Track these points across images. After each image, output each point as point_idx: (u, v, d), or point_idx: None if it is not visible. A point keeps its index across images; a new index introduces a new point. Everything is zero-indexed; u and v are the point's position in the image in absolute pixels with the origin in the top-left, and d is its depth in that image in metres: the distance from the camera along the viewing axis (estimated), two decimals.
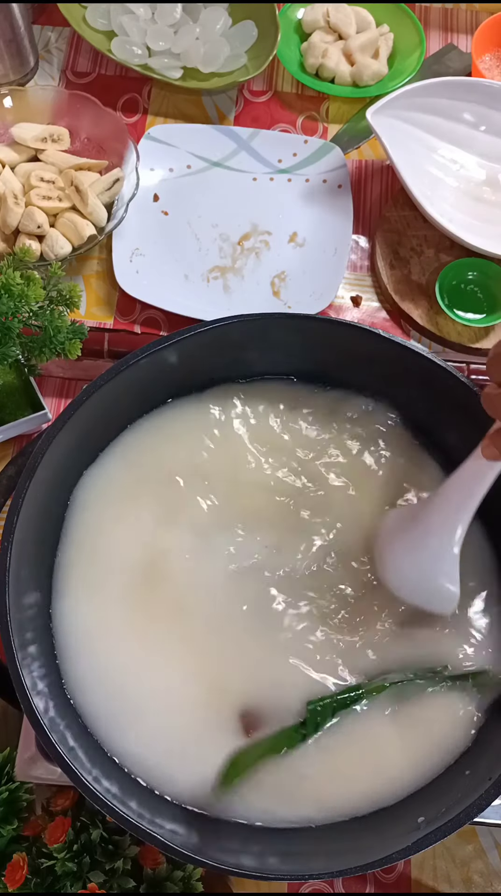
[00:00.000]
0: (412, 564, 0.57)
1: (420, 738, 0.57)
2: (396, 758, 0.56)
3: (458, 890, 0.69)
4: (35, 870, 0.60)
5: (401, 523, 0.59)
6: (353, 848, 0.52)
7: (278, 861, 0.52)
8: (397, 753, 0.56)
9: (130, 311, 0.84)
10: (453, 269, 0.82)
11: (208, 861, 0.49)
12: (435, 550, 0.56)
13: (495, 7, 1.00)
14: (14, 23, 0.86)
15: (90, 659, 0.58)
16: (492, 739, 0.56)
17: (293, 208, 0.88)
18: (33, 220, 0.78)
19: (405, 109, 0.85)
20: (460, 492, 0.55)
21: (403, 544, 0.58)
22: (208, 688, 0.57)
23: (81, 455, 0.63)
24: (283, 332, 0.62)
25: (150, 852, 0.61)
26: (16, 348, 0.64)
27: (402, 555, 0.58)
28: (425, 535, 0.57)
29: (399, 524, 0.59)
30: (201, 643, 0.58)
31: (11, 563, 0.53)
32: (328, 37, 0.95)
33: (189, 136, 0.90)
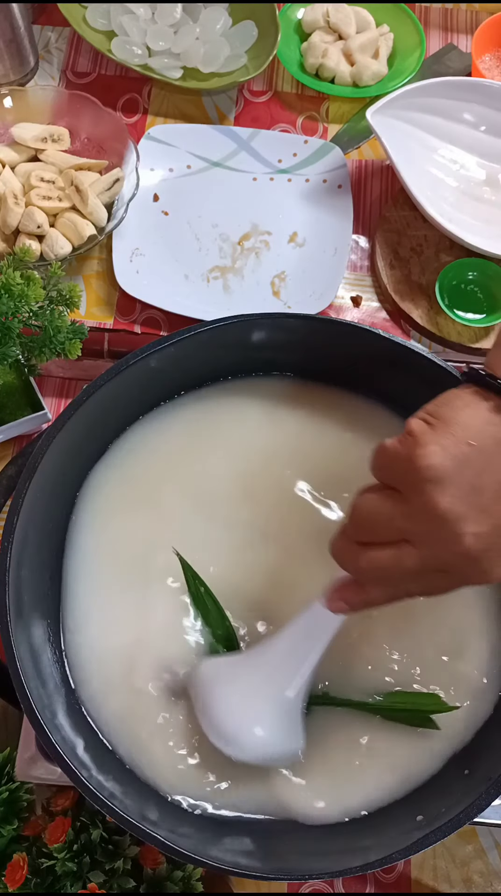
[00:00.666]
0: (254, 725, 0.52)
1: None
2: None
3: (458, 890, 0.69)
4: (35, 870, 0.60)
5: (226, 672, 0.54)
6: (353, 848, 0.52)
7: (279, 861, 0.52)
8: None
9: (130, 311, 0.84)
10: (453, 269, 0.82)
11: (208, 861, 0.49)
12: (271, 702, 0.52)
13: (495, 7, 1.00)
14: (14, 23, 0.86)
15: (93, 657, 0.58)
16: (492, 739, 0.56)
17: (293, 208, 0.88)
18: (33, 220, 0.78)
19: (405, 109, 0.85)
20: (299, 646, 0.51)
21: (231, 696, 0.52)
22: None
23: (82, 455, 0.63)
24: (283, 333, 0.62)
25: (150, 852, 0.61)
26: (16, 348, 0.64)
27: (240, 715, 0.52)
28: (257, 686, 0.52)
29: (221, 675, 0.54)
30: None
31: (11, 563, 0.53)
32: (328, 37, 0.95)
33: (189, 136, 0.90)
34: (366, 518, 0.44)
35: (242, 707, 0.52)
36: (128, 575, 0.60)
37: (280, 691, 0.51)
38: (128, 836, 0.61)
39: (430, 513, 0.40)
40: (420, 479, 0.40)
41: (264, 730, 0.52)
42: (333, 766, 0.56)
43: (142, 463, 0.64)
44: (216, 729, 0.52)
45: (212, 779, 0.55)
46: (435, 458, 0.40)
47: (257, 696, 0.52)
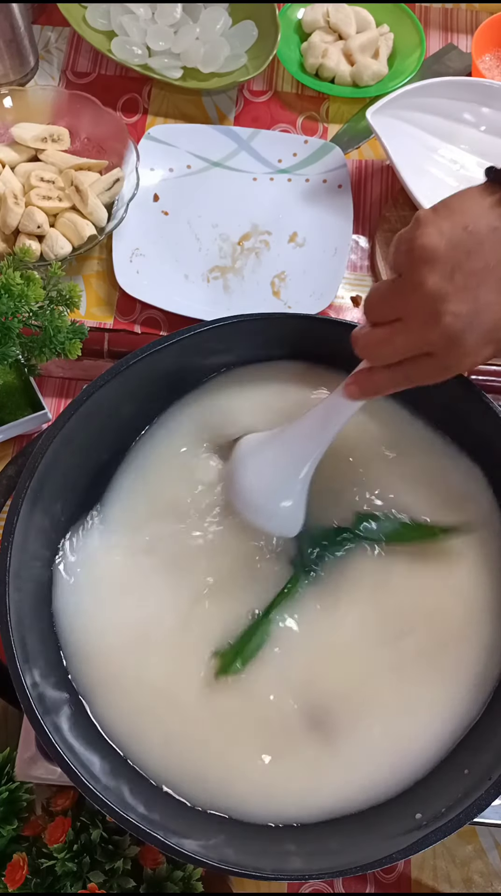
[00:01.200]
0: (260, 486, 0.58)
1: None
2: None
3: (458, 890, 0.69)
4: (35, 870, 0.60)
5: (255, 448, 0.60)
6: (353, 848, 0.52)
7: (279, 861, 0.52)
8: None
9: (130, 311, 0.84)
10: None
11: (208, 861, 0.49)
12: (285, 474, 0.57)
13: (495, 7, 1.00)
14: (14, 23, 0.86)
15: (92, 656, 0.58)
16: (492, 739, 0.56)
17: (293, 208, 0.88)
18: (33, 220, 0.78)
19: (405, 109, 0.85)
20: (318, 423, 0.56)
21: (253, 467, 0.58)
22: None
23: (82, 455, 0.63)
24: (283, 333, 0.62)
25: (150, 852, 0.61)
26: (16, 348, 0.64)
27: (251, 476, 0.58)
28: (275, 462, 0.58)
29: (253, 448, 0.60)
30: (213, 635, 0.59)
31: (11, 564, 0.53)
32: (328, 37, 0.95)
33: (189, 136, 0.90)
34: (372, 299, 0.48)
35: (268, 481, 0.58)
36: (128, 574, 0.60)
37: (298, 467, 0.57)
38: (128, 836, 0.61)
39: (418, 290, 0.44)
40: (415, 258, 0.44)
41: (286, 502, 0.58)
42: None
43: (142, 463, 0.64)
44: (247, 500, 0.59)
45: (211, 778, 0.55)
46: (430, 238, 0.43)
47: (279, 471, 0.58)
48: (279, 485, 0.58)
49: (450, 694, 0.57)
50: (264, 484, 0.58)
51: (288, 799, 0.55)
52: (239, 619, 0.59)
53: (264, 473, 0.58)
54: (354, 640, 0.59)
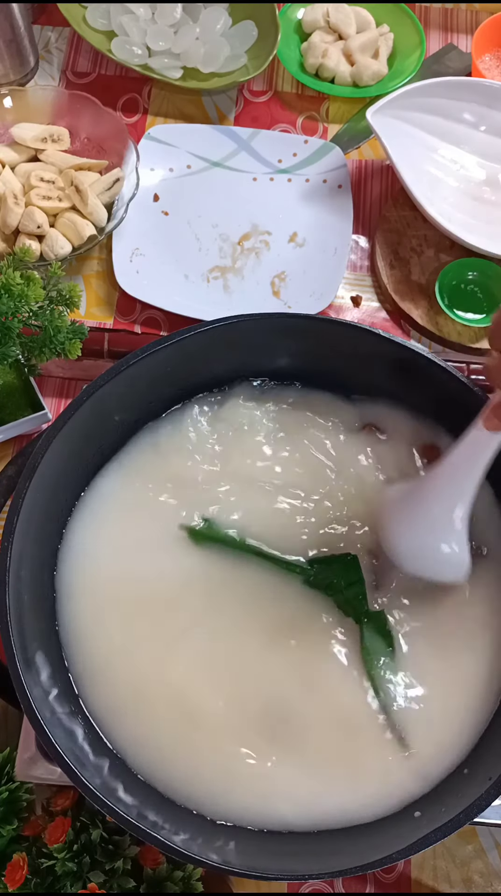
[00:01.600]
0: (419, 535, 0.57)
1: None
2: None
3: (458, 890, 0.69)
4: (35, 870, 0.60)
5: (403, 496, 0.59)
6: (353, 848, 0.52)
7: (278, 861, 0.52)
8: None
9: (130, 311, 0.84)
10: (453, 269, 0.82)
11: (208, 861, 0.49)
12: (441, 519, 0.56)
13: (495, 7, 1.00)
14: (14, 23, 0.86)
15: (92, 657, 0.58)
16: (492, 739, 0.56)
17: (293, 208, 0.88)
18: (33, 220, 0.78)
19: (405, 109, 0.85)
20: (462, 462, 0.55)
21: (408, 516, 0.57)
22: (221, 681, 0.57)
23: (82, 455, 0.63)
24: (283, 333, 0.62)
25: (150, 852, 0.61)
26: (16, 348, 0.64)
27: (408, 527, 0.57)
28: (430, 506, 0.56)
29: (401, 497, 0.59)
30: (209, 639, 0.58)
31: (11, 563, 0.53)
32: (328, 37, 0.95)
33: (189, 136, 0.90)
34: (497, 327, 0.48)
35: (428, 531, 0.57)
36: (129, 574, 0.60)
37: (452, 510, 0.56)
38: (128, 836, 0.61)
39: None
40: None
41: (449, 546, 0.56)
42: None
43: (142, 464, 0.64)
44: (410, 554, 0.57)
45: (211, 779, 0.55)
46: None
47: (434, 518, 0.57)
48: (440, 532, 0.56)
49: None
50: (424, 535, 0.57)
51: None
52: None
53: (422, 523, 0.57)
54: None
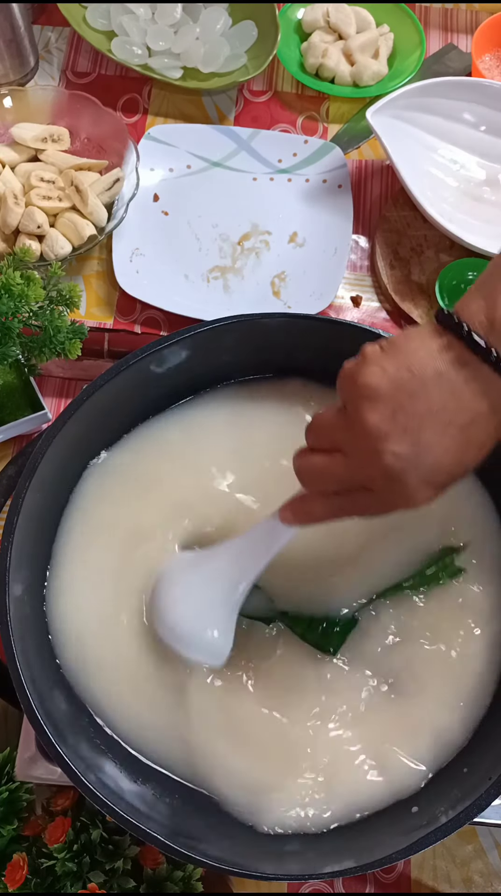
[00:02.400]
0: (188, 612, 0.55)
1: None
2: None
3: (458, 890, 0.69)
4: (35, 870, 0.60)
5: (184, 568, 0.58)
6: (353, 848, 0.52)
7: (278, 861, 0.52)
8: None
9: (130, 311, 0.84)
10: (453, 269, 0.82)
11: (207, 861, 0.49)
12: (211, 602, 0.55)
13: (495, 7, 1.00)
14: (14, 23, 0.86)
15: (91, 657, 0.58)
16: (492, 739, 0.56)
17: (293, 208, 0.88)
18: (33, 220, 0.78)
19: (405, 109, 0.85)
20: (251, 547, 0.54)
21: (182, 591, 0.56)
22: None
23: (82, 455, 0.63)
24: (283, 333, 0.62)
25: (150, 852, 0.61)
26: (16, 348, 0.64)
27: (179, 602, 0.56)
28: (204, 585, 0.55)
29: (182, 569, 0.58)
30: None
31: (11, 563, 0.53)
32: (328, 37, 0.95)
33: (189, 136, 0.90)
34: (315, 425, 0.48)
35: (196, 608, 0.55)
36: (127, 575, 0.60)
37: (227, 594, 0.54)
38: (128, 836, 0.61)
39: (359, 426, 0.43)
40: (357, 395, 0.43)
41: (212, 631, 0.55)
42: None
43: (141, 464, 0.64)
44: (170, 628, 0.56)
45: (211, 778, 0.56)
46: (373, 377, 0.43)
47: (207, 598, 0.55)
48: (208, 612, 0.55)
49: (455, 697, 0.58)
50: (190, 611, 0.55)
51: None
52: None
53: (192, 599, 0.55)
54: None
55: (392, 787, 0.55)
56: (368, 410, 0.43)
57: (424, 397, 0.42)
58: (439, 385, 0.42)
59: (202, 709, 0.57)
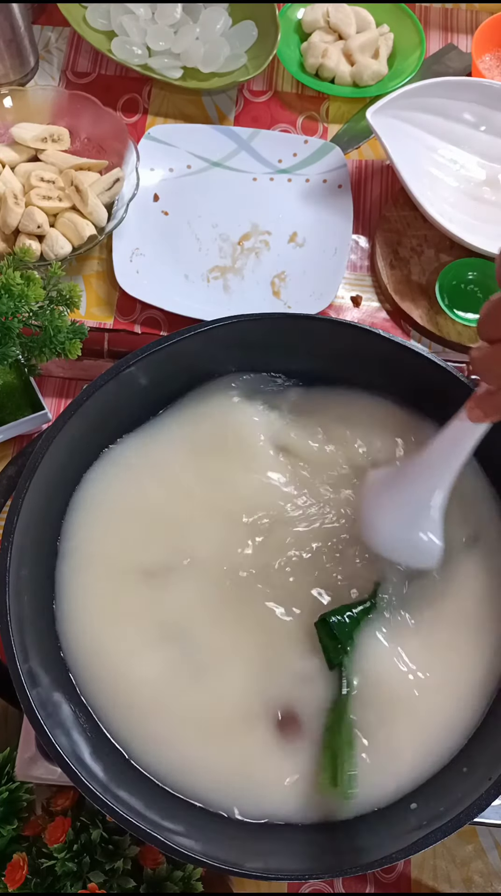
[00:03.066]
0: (395, 521, 0.58)
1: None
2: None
3: (458, 890, 0.69)
4: (35, 870, 0.60)
5: (384, 482, 0.59)
6: (353, 848, 0.52)
7: (279, 861, 0.52)
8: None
9: (130, 311, 0.84)
10: (453, 269, 0.82)
11: (208, 861, 0.49)
12: (418, 506, 0.57)
13: (495, 7, 1.00)
14: (14, 23, 0.86)
15: (92, 657, 0.58)
16: (491, 739, 0.56)
17: (293, 208, 0.88)
18: (33, 220, 0.78)
19: (405, 109, 0.85)
20: (443, 450, 0.55)
21: (386, 502, 0.58)
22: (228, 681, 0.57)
23: (82, 455, 0.63)
24: (283, 333, 0.62)
25: (150, 852, 0.61)
26: (16, 348, 0.64)
27: (385, 512, 0.58)
28: (407, 493, 0.57)
29: (382, 483, 0.59)
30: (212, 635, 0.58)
31: (11, 563, 0.53)
32: (328, 37, 0.95)
33: (189, 136, 0.90)
34: (486, 315, 0.47)
35: (404, 517, 0.57)
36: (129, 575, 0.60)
37: (430, 497, 0.56)
38: (128, 836, 0.61)
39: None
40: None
41: (424, 534, 0.57)
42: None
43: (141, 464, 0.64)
44: (382, 540, 0.58)
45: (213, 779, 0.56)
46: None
47: (413, 504, 0.57)
48: (415, 518, 0.57)
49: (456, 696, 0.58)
50: (399, 519, 0.57)
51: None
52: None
53: (399, 509, 0.57)
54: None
55: (398, 783, 0.56)
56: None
57: None
58: None
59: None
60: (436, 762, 0.56)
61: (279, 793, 0.55)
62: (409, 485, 0.57)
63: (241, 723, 0.56)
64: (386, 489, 0.59)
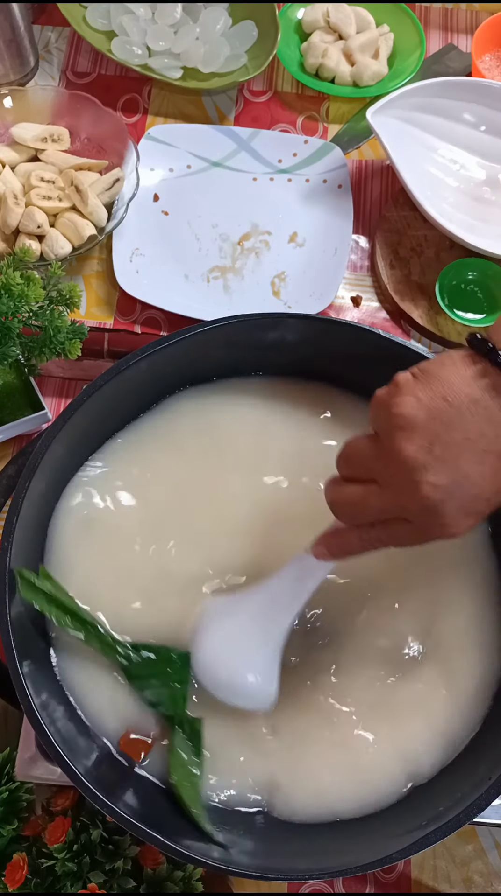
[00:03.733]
0: (227, 660, 0.54)
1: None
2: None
3: (458, 890, 0.69)
4: (35, 870, 0.60)
5: (220, 614, 0.56)
6: (353, 848, 0.52)
7: (279, 861, 0.52)
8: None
9: (130, 311, 0.84)
10: (453, 269, 0.82)
11: (208, 861, 0.49)
12: (251, 647, 0.54)
13: (495, 7, 1.00)
14: (14, 23, 0.86)
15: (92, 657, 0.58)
16: (492, 739, 0.56)
17: (293, 208, 0.88)
18: (33, 220, 0.78)
19: (405, 109, 0.85)
20: (285, 589, 0.53)
21: (219, 638, 0.55)
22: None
23: (82, 455, 0.63)
24: (283, 333, 0.62)
25: (150, 852, 0.61)
26: (16, 348, 0.64)
27: (218, 649, 0.55)
28: (242, 631, 0.54)
29: (217, 617, 0.56)
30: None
31: (11, 563, 0.53)
32: (328, 37, 0.95)
33: (189, 136, 0.90)
34: (347, 455, 0.47)
35: (232, 653, 0.54)
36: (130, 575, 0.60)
37: (266, 636, 0.53)
38: (128, 836, 0.61)
39: (395, 457, 0.42)
40: (392, 425, 0.42)
41: (254, 676, 0.54)
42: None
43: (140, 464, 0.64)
44: (212, 676, 0.55)
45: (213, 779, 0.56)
46: (408, 407, 0.42)
47: (245, 642, 0.54)
48: (247, 659, 0.54)
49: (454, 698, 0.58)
50: (229, 658, 0.54)
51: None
52: None
53: (230, 647, 0.54)
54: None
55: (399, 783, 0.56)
56: (404, 441, 0.42)
57: (460, 426, 0.41)
58: (475, 413, 0.41)
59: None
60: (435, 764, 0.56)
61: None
62: (246, 623, 0.54)
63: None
64: (221, 625, 0.55)
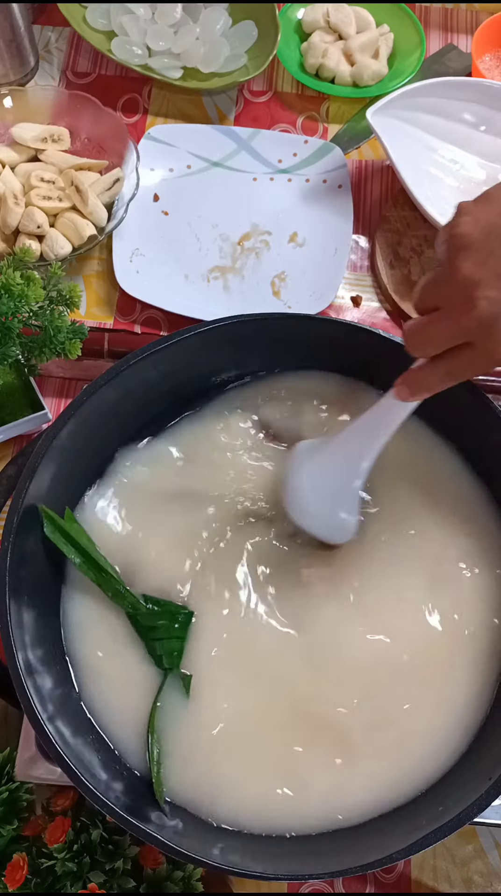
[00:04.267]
0: (315, 495, 0.58)
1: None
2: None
3: (458, 890, 0.69)
4: (35, 870, 0.60)
5: (309, 455, 0.59)
6: (353, 848, 0.53)
7: (278, 861, 0.52)
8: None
9: (130, 311, 0.84)
10: None
11: (208, 861, 0.49)
12: (337, 484, 0.57)
13: (495, 7, 1.00)
14: (14, 23, 0.86)
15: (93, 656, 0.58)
16: (492, 740, 0.56)
17: (293, 208, 0.88)
18: (33, 220, 0.78)
19: (405, 109, 0.85)
20: (368, 429, 0.56)
21: (308, 475, 0.58)
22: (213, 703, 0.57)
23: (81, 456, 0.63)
24: (283, 332, 0.62)
25: (150, 852, 0.61)
26: (16, 348, 0.64)
27: (306, 485, 0.58)
28: (329, 469, 0.57)
29: (307, 455, 0.59)
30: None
31: (11, 563, 0.53)
32: (328, 37, 0.95)
33: (189, 136, 0.90)
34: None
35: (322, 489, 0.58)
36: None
37: (350, 477, 0.57)
38: (128, 836, 0.61)
39: (454, 277, 0.44)
40: (452, 246, 0.44)
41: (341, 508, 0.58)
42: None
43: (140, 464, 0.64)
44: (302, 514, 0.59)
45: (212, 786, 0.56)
46: (466, 226, 0.44)
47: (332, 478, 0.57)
48: (332, 492, 0.58)
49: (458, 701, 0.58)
50: (317, 491, 0.58)
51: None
52: None
53: (318, 481, 0.58)
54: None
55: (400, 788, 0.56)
56: (461, 260, 0.43)
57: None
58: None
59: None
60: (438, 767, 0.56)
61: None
62: (333, 460, 0.58)
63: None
64: (311, 460, 0.59)
